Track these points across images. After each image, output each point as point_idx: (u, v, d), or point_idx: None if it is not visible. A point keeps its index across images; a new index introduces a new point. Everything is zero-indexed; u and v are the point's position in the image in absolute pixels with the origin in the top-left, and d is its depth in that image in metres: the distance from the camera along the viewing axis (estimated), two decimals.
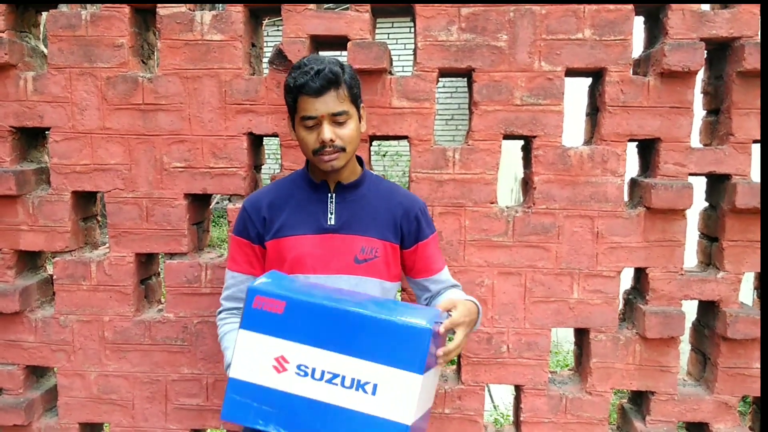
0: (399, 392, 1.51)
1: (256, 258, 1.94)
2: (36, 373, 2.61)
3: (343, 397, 1.53)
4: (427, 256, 1.99)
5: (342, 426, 1.53)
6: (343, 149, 1.76)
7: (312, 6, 2.29)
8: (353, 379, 1.53)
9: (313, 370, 1.55)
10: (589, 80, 2.49)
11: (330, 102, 1.72)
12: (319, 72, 1.70)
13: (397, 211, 1.93)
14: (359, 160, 1.97)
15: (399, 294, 2.33)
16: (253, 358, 1.58)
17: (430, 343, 1.52)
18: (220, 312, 2.00)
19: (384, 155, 11.02)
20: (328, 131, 1.73)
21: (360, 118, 1.84)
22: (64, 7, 2.42)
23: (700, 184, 2.37)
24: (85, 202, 2.54)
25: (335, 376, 1.54)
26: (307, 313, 1.58)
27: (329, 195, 1.89)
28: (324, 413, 1.54)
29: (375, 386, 1.52)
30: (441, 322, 1.61)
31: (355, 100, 1.81)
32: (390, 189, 2.00)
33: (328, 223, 1.87)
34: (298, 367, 1.56)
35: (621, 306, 2.51)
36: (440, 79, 2.39)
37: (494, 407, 4.39)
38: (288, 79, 1.78)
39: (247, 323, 1.60)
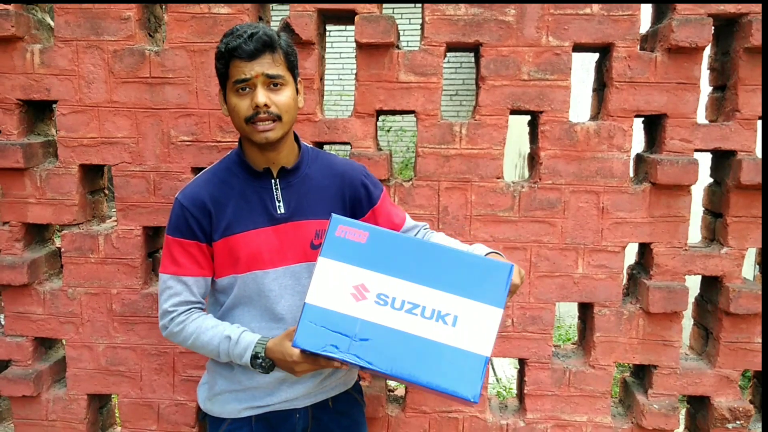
0: (480, 325, 1.51)
1: (204, 257, 1.80)
2: (45, 344, 2.63)
3: (423, 327, 1.52)
4: (387, 213, 1.93)
5: (420, 356, 1.51)
6: (279, 117, 1.66)
7: None
8: (434, 310, 1.52)
9: (393, 299, 1.53)
10: (596, 56, 2.49)
11: (265, 64, 1.63)
12: (252, 35, 1.62)
13: (343, 184, 1.87)
14: (296, 137, 1.87)
15: None
16: (333, 285, 1.55)
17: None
18: (172, 319, 1.80)
19: (388, 131, 11.02)
20: (261, 95, 1.63)
21: (297, 91, 1.75)
22: None
23: (705, 160, 2.38)
24: (93, 175, 2.54)
25: (416, 306, 1.53)
26: (390, 244, 1.58)
27: (273, 181, 1.80)
28: (402, 342, 1.51)
29: (456, 318, 1.52)
30: None
31: (293, 69, 1.72)
32: (329, 162, 1.91)
33: (278, 212, 1.79)
34: (378, 296, 1.54)
35: (625, 281, 2.54)
36: (446, 53, 2.38)
37: (497, 380, 4.43)
38: (219, 45, 1.68)
39: (328, 251, 1.57)
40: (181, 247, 1.79)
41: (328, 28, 2.58)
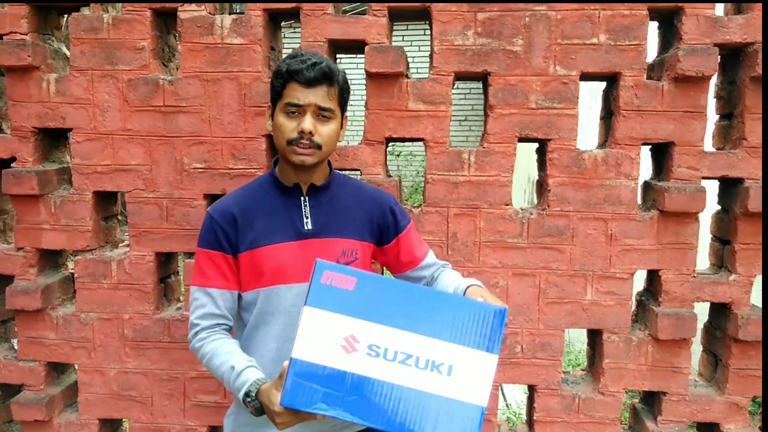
0: (475, 372, 1.45)
1: (230, 270, 1.81)
2: (57, 369, 2.66)
3: (417, 379, 1.45)
4: (409, 245, 1.93)
5: (415, 409, 1.44)
6: (319, 147, 1.70)
7: (330, 10, 2.33)
8: (428, 360, 1.45)
9: (386, 350, 1.45)
10: (603, 84, 2.52)
11: (319, 95, 1.67)
12: (316, 64, 1.66)
13: (372, 208, 1.88)
14: (328, 162, 1.89)
15: None
16: (321, 337, 1.46)
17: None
18: (196, 333, 1.81)
19: (398, 155, 11.08)
20: (309, 122, 1.67)
21: (342, 126, 1.79)
22: (86, 10, 2.46)
23: (712, 188, 2.40)
24: (106, 201, 2.58)
25: (409, 356, 1.46)
26: (379, 290, 1.49)
27: (302, 198, 1.82)
28: (396, 396, 1.44)
29: (450, 367, 1.45)
30: None
31: (343, 104, 1.77)
32: (359, 187, 1.94)
33: (306, 227, 1.80)
34: (369, 346, 1.46)
35: (634, 307, 2.55)
36: (455, 82, 2.41)
37: (507, 405, 4.42)
38: (281, 65, 1.71)
39: (313, 300, 1.47)
40: (209, 258, 1.81)
41: (338, 56, 2.62)
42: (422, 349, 1.46)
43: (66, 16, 2.56)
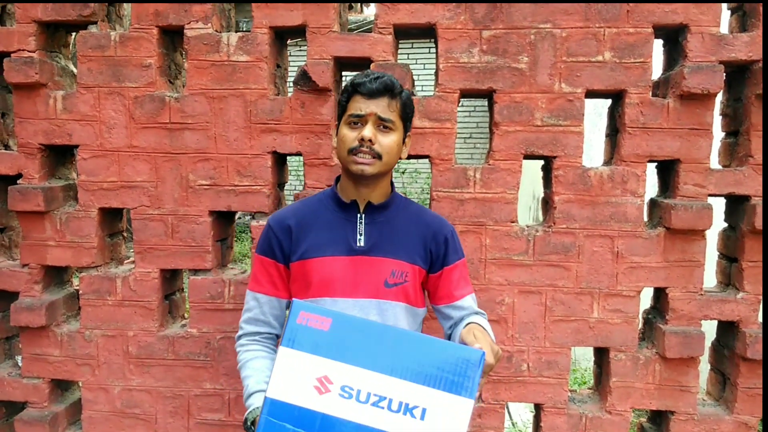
0: (449, 418, 1.42)
1: (280, 279, 1.88)
2: (61, 386, 2.65)
3: (389, 422, 1.43)
4: (450, 281, 1.90)
5: None
6: (380, 157, 1.73)
7: (336, 28, 2.34)
8: (401, 403, 1.44)
9: (359, 392, 1.44)
10: (608, 101, 2.52)
11: (381, 106, 1.72)
12: (378, 78, 1.73)
13: (427, 234, 1.88)
14: (391, 182, 1.92)
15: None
16: (294, 377, 1.47)
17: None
18: (240, 336, 1.93)
19: (403, 172, 11.11)
20: (369, 130, 1.71)
21: (404, 140, 1.83)
22: (93, 28, 2.48)
23: (719, 205, 2.39)
24: (112, 218, 2.58)
25: (382, 398, 1.44)
26: (354, 331, 1.49)
27: (358, 215, 1.83)
28: None
29: (424, 411, 1.43)
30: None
31: (406, 119, 1.80)
32: (419, 211, 1.95)
33: (358, 244, 1.81)
34: (342, 388, 1.45)
35: (640, 325, 2.53)
36: (460, 99, 2.42)
37: (512, 424, 4.38)
38: (347, 82, 1.79)
39: (289, 340, 1.48)
40: (262, 264, 1.88)
41: (344, 73, 2.63)
42: (396, 392, 1.45)
43: (74, 33, 2.58)
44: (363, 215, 1.84)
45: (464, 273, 1.96)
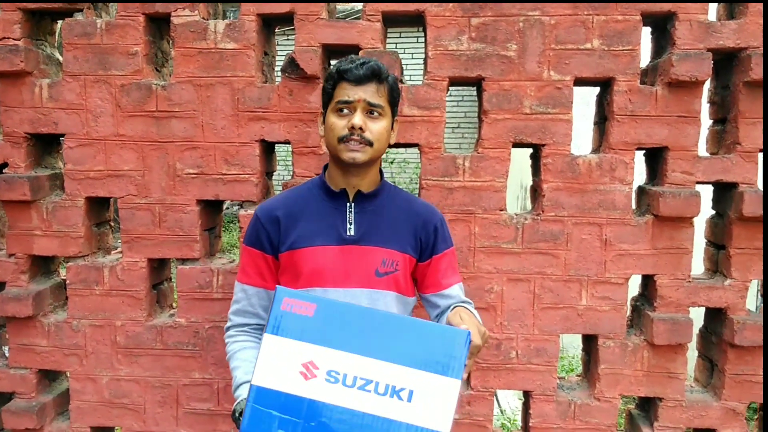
0: (437, 399, 1.42)
1: (268, 270, 1.86)
2: (48, 377, 2.63)
3: (377, 405, 1.43)
4: (438, 270, 1.90)
5: None
6: (371, 144, 1.70)
7: (324, 15, 2.33)
8: (387, 385, 1.43)
9: (345, 376, 1.44)
10: (597, 89, 2.52)
11: (369, 91, 1.69)
12: (364, 63, 1.70)
13: (417, 223, 1.86)
14: (380, 170, 1.90)
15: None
16: (279, 364, 1.46)
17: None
18: (228, 328, 1.92)
19: (392, 162, 11.10)
20: (359, 118, 1.68)
21: (393, 125, 1.81)
22: (79, 16, 2.46)
23: (707, 193, 2.39)
24: (99, 207, 2.56)
25: (368, 382, 1.44)
26: (339, 316, 1.48)
27: (348, 204, 1.81)
28: (355, 422, 1.42)
29: (411, 392, 1.43)
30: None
31: (393, 104, 1.78)
32: (409, 199, 1.93)
33: (348, 233, 1.79)
34: (329, 373, 1.45)
35: (629, 312, 2.54)
36: (449, 87, 2.41)
37: (501, 412, 4.40)
38: (331, 68, 1.75)
39: (273, 327, 1.47)
40: (250, 256, 1.86)
41: (332, 61, 2.61)
42: (382, 375, 1.44)
43: (59, 21, 2.55)
44: (353, 204, 1.82)
45: (452, 262, 1.95)
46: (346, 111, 1.71)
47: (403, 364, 1.44)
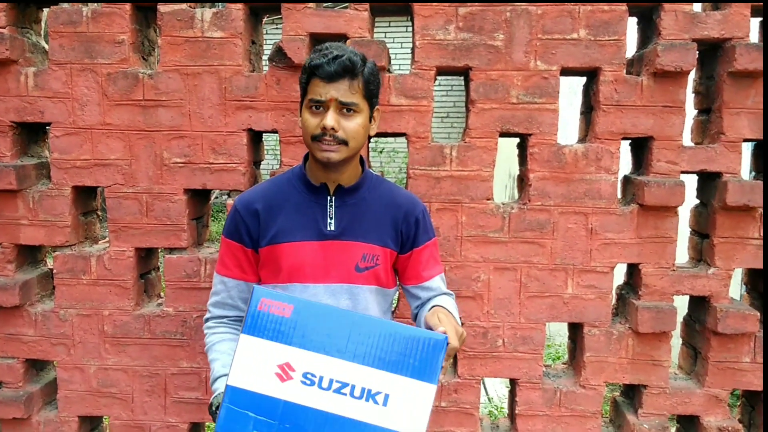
0: (412, 403, 1.42)
1: (248, 263, 1.83)
2: (36, 366, 2.63)
3: (352, 408, 1.43)
4: (419, 262, 1.88)
5: None
6: (345, 143, 1.65)
7: (311, 4, 2.32)
8: (363, 389, 1.44)
9: (321, 378, 1.44)
10: (583, 79, 2.54)
11: (341, 90, 1.62)
12: (336, 57, 1.61)
13: (398, 215, 1.83)
14: (361, 161, 1.85)
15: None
16: (255, 365, 1.46)
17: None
18: (207, 319, 1.89)
19: (381, 152, 11.11)
20: (331, 118, 1.61)
21: (371, 118, 1.75)
22: (65, 4, 2.44)
23: (691, 182, 2.42)
24: (86, 196, 2.56)
25: (344, 385, 1.44)
26: (316, 318, 1.48)
27: (329, 198, 1.78)
28: (330, 425, 1.43)
29: (386, 396, 1.43)
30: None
31: (370, 97, 1.70)
32: (390, 190, 1.89)
33: (328, 228, 1.77)
34: (305, 375, 1.45)
35: (614, 301, 2.56)
36: (436, 77, 2.42)
37: (488, 399, 4.43)
38: (306, 59, 1.70)
39: (250, 327, 1.47)
40: (229, 249, 1.83)
41: None
42: (358, 378, 1.44)
43: (45, 9, 2.53)
44: (333, 198, 1.79)
45: (434, 253, 1.94)
46: (320, 108, 1.65)
47: (379, 368, 1.45)
